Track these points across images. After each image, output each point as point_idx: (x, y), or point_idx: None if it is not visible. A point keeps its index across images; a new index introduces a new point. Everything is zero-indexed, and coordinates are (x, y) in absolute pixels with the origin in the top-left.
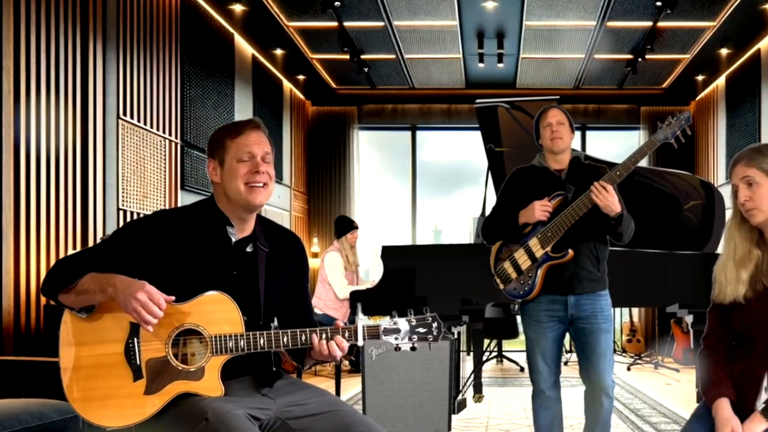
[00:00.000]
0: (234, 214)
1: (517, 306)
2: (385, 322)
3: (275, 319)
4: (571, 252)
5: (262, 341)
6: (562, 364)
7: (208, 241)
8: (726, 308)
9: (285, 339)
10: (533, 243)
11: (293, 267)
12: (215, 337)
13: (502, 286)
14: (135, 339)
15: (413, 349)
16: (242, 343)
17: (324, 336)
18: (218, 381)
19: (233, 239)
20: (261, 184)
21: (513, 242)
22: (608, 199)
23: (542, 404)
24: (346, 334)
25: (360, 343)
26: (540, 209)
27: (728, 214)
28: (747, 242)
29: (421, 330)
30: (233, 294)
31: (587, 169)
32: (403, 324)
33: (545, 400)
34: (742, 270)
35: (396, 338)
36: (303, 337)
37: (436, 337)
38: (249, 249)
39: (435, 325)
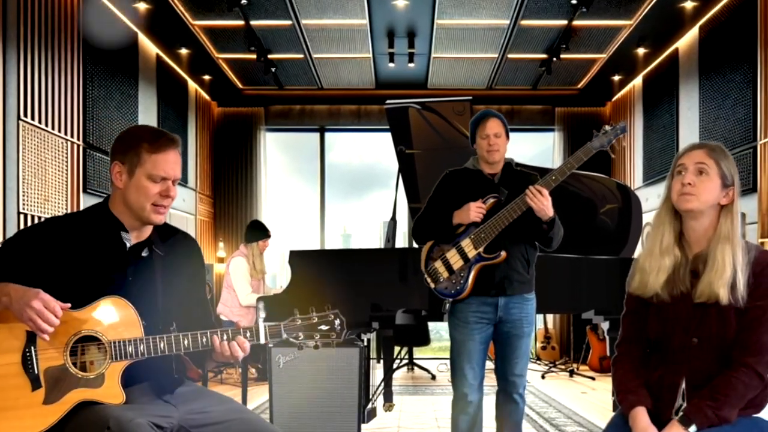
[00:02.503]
0: (130, 221)
1: (447, 305)
2: (287, 321)
3: (173, 323)
4: (503, 253)
5: (162, 345)
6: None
7: (102, 247)
8: (642, 311)
9: (186, 342)
10: (466, 243)
11: (189, 269)
12: (114, 342)
13: (432, 285)
14: (32, 348)
15: (316, 347)
16: (142, 347)
17: (225, 337)
18: (119, 388)
19: (128, 244)
20: (166, 207)
21: (445, 242)
22: (543, 202)
23: (463, 410)
24: (248, 334)
25: (262, 341)
26: (475, 210)
27: (645, 217)
28: (672, 237)
29: (324, 327)
30: (130, 299)
31: (519, 175)
32: (305, 322)
33: (467, 405)
34: (666, 257)
35: (298, 337)
36: (204, 339)
37: (339, 334)
38: (144, 253)
39: (338, 322)
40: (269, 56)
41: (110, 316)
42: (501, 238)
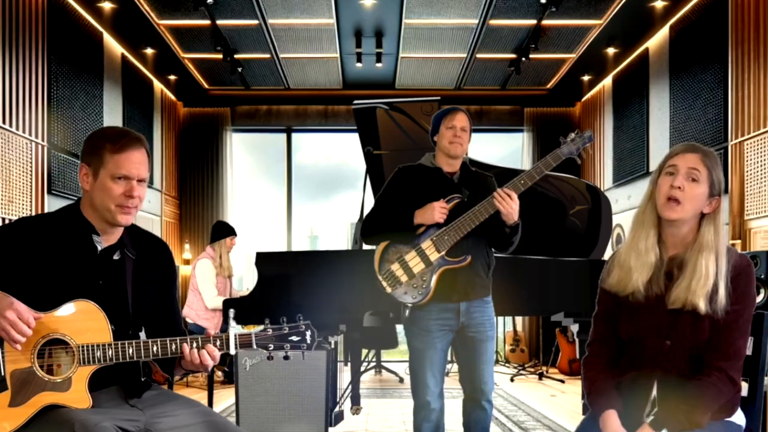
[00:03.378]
0: (99, 224)
1: (407, 312)
2: (257, 330)
3: (143, 328)
4: (469, 257)
5: (131, 351)
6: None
7: (73, 250)
8: (615, 311)
9: (155, 348)
10: (427, 246)
11: (161, 274)
12: (82, 346)
13: (388, 290)
14: None
15: (286, 357)
16: (110, 352)
17: (195, 345)
18: (86, 392)
19: (99, 247)
20: (132, 207)
21: (402, 243)
22: (512, 206)
23: (426, 417)
24: (218, 343)
25: (232, 351)
26: (439, 211)
27: (616, 219)
28: (655, 236)
29: (295, 338)
30: (100, 303)
31: (475, 175)
32: (276, 332)
33: (430, 412)
34: (652, 255)
35: (269, 347)
36: (173, 346)
37: (310, 345)
38: (116, 257)
39: (309, 333)
40: (235, 56)
41: (79, 319)
42: (464, 240)
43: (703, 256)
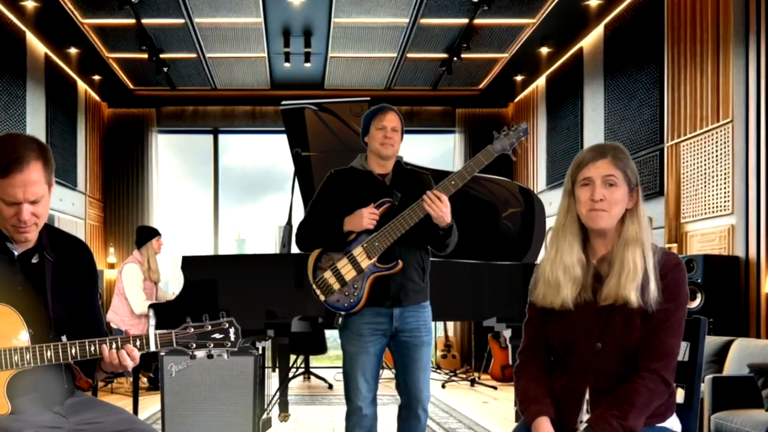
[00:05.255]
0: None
1: (340, 318)
2: (178, 329)
3: (63, 331)
4: (400, 263)
5: (49, 354)
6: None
7: None
8: (544, 318)
9: (73, 350)
10: (358, 252)
11: (81, 276)
12: None
13: (322, 298)
14: None
15: (210, 356)
16: (28, 356)
17: (114, 345)
18: (4, 398)
19: (16, 253)
20: (28, 226)
21: (334, 250)
22: (442, 209)
23: (358, 423)
24: (138, 343)
25: (152, 349)
26: (368, 217)
27: (549, 221)
28: (580, 246)
29: (218, 336)
30: (19, 307)
31: (409, 175)
32: (197, 330)
33: (361, 418)
34: (578, 268)
35: (191, 345)
36: (92, 348)
37: (234, 342)
38: (35, 260)
39: (232, 330)
40: (161, 56)
41: None
42: (395, 246)
43: (630, 250)
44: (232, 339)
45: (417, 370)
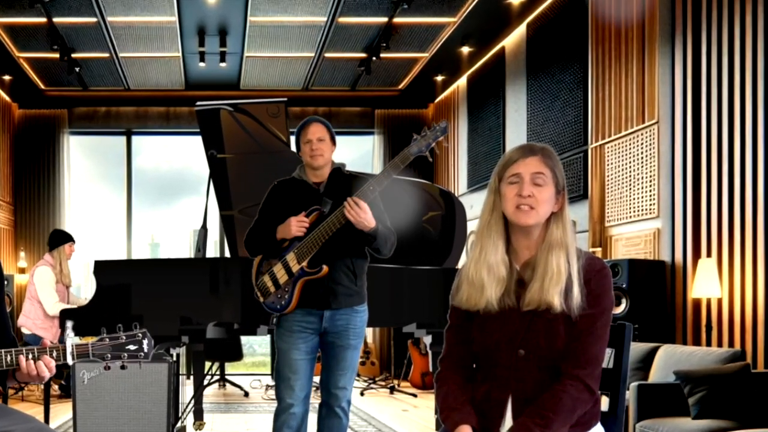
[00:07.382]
0: None
1: (274, 318)
2: (94, 341)
3: None
4: (325, 268)
5: None
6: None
7: None
8: (467, 324)
9: None
10: (290, 257)
11: None
12: None
13: (261, 299)
14: None
15: (123, 367)
16: None
17: (31, 356)
18: None
19: None
20: None
21: (273, 256)
22: (360, 215)
23: (286, 422)
24: (54, 354)
25: (69, 362)
26: (296, 225)
27: (470, 225)
28: (504, 247)
29: (132, 347)
30: None
31: (347, 181)
32: (112, 341)
33: (290, 417)
34: (503, 267)
35: (106, 356)
36: (8, 358)
37: (147, 354)
38: None
39: (146, 341)
40: (73, 55)
41: None
42: (324, 251)
43: (554, 254)
44: (146, 350)
45: (340, 370)
